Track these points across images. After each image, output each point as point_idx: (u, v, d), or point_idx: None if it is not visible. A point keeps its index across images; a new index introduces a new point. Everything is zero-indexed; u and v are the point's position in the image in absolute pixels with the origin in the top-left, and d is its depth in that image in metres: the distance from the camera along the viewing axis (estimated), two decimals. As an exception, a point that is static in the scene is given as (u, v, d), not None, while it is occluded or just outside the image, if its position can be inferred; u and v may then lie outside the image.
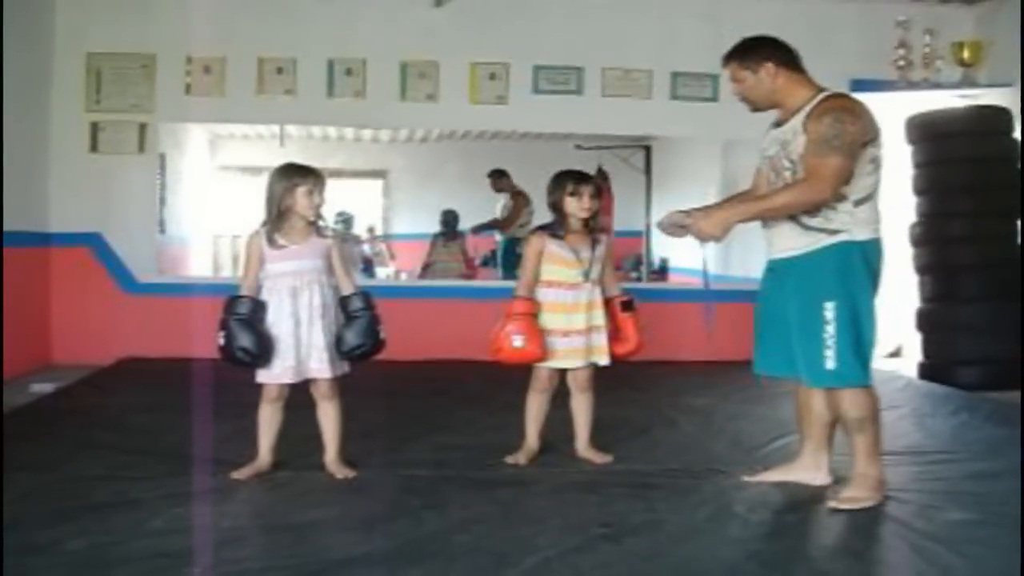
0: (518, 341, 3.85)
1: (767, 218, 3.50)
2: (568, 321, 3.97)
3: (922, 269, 6.90)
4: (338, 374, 3.77)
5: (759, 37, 3.63)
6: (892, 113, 7.52)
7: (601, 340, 4.04)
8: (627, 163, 9.05)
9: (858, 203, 3.40)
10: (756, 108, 3.68)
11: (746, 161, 8.41)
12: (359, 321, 3.73)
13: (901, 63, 7.14)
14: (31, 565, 2.74)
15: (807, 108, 3.42)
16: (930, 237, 6.80)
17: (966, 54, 7.05)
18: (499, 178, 9.38)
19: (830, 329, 3.37)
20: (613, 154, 8.89)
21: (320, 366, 3.71)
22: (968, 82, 7.10)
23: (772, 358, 3.69)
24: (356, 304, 3.75)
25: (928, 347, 6.83)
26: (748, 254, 8.53)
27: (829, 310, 3.37)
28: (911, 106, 7.12)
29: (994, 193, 6.45)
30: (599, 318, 4.04)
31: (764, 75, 3.54)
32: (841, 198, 3.37)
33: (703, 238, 3.55)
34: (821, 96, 3.44)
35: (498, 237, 9.45)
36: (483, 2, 7.35)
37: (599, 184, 4.18)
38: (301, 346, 3.68)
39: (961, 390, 5.97)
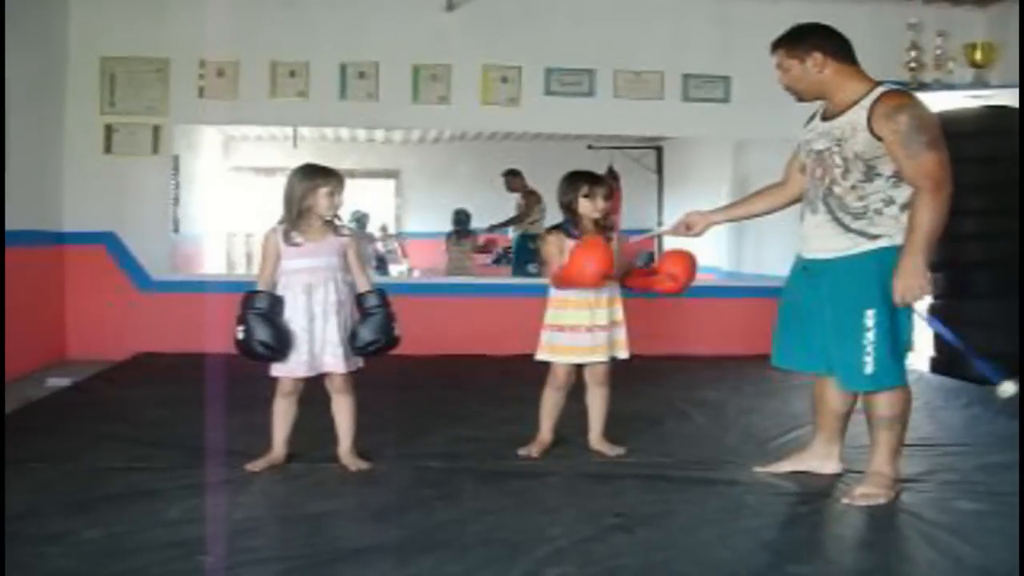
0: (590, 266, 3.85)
1: (930, 242, 3.34)
2: (592, 317, 3.99)
3: (933, 266, 6.83)
4: (352, 369, 3.80)
5: (810, 25, 3.56)
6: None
7: (622, 335, 4.08)
8: (639, 163, 9.07)
9: (903, 209, 3.33)
10: (801, 99, 3.60)
11: (757, 161, 8.51)
12: (374, 318, 3.76)
13: (913, 65, 7.12)
14: (48, 554, 2.77)
15: (865, 103, 3.33)
16: (941, 234, 6.79)
17: (979, 55, 7.03)
18: (513, 178, 9.42)
19: (870, 336, 3.32)
20: (625, 154, 8.91)
21: (334, 361, 3.73)
22: (980, 83, 7.08)
23: (793, 352, 3.67)
24: (371, 301, 3.78)
25: (940, 342, 6.82)
26: (760, 251, 8.61)
27: (870, 317, 3.32)
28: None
29: (1005, 191, 6.43)
30: (619, 313, 4.08)
31: (811, 65, 3.46)
32: (890, 202, 3.33)
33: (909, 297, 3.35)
34: (880, 91, 3.36)
35: (511, 234, 9.50)
36: (495, 5, 7.37)
37: (611, 185, 4.19)
38: (315, 341, 3.70)
39: (973, 384, 5.97)
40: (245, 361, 3.71)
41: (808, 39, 3.49)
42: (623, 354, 4.10)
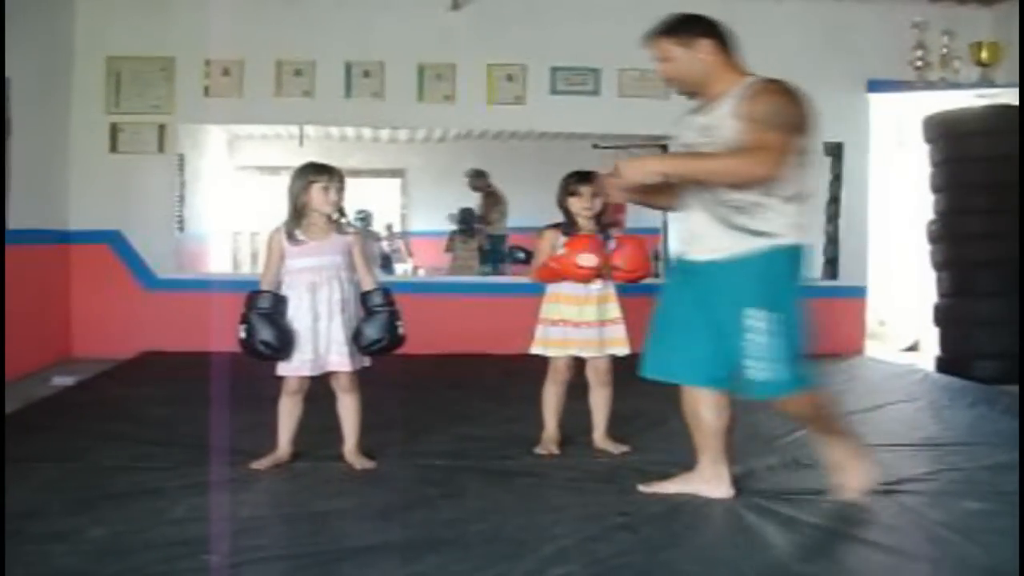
0: (585, 259, 3.93)
1: (701, 179, 3.14)
2: (580, 313, 4.02)
3: (939, 265, 6.92)
4: (357, 368, 3.80)
5: (693, 14, 3.30)
6: (910, 112, 7.56)
7: (616, 332, 4.09)
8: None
9: (788, 200, 3.13)
10: (684, 91, 3.35)
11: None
12: (378, 316, 3.76)
13: (919, 64, 7.11)
14: (54, 552, 2.78)
15: (737, 91, 3.15)
16: (947, 234, 6.83)
17: (984, 54, 7.01)
18: (477, 178, 9.47)
19: (760, 340, 3.10)
20: (630, 153, 8.86)
21: (339, 359, 3.74)
22: (986, 82, 7.07)
23: (670, 362, 3.40)
24: (376, 300, 3.78)
25: (945, 341, 6.85)
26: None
27: (760, 320, 3.10)
28: (928, 106, 7.12)
29: (1010, 190, 6.42)
30: (613, 311, 4.09)
31: (698, 54, 3.22)
32: (769, 192, 3.10)
33: (619, 186, 3.23)
34: (752, 80, 3.18)
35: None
36: (500, 4, 7.38)
37: (597, 186, 4.17)
38: (320, 340, 3.71)
39: (979, 383, 5.97)
40: (250, 360, 3.71)
41: (696, 26, 3.26)
42: (620, 351, 4.10)
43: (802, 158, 3.14)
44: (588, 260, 3.94)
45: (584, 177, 4.04)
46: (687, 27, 3.26)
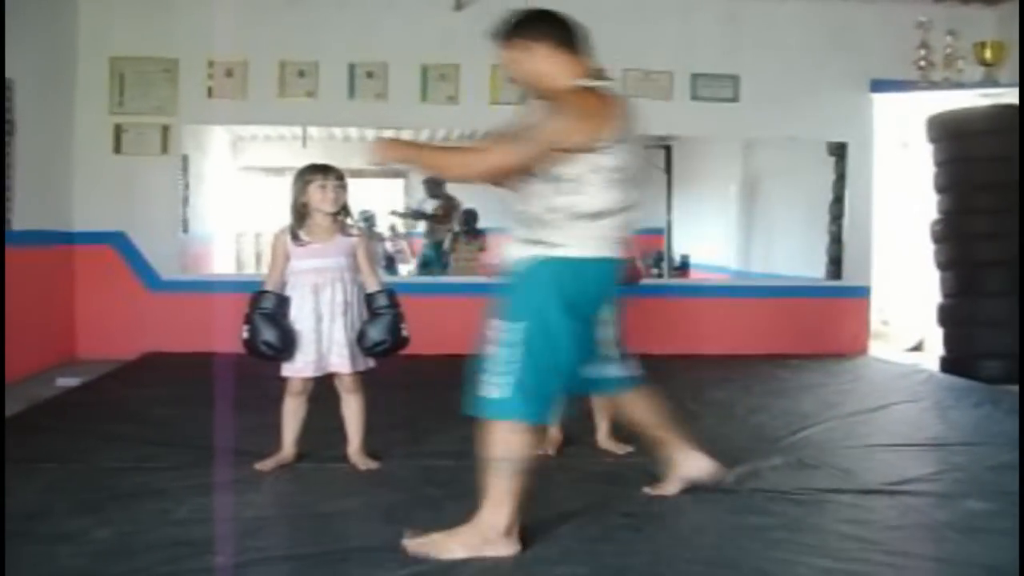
0: None
1: (432, 171, 3.00)
2: None
3: (943, 265, 6.91)
4: (361, 369, 3.81)
5: (540, 11, 3.08)
6: (913, 112, 7.55)
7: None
8: (648, 162, 9.05)
9: (579, 217, 2.85)
10: (532, 93, 3.10)
11: (766, 160, 8.48)
12: (382, 318, 3.76)
13: (922, 63, 7.10)
14: (59, 553, 2.78)
15: (555, 95, 2.92)
16: (951, 233, 6.83)
17: (988, 54, 7.00)
18: (435, 184, 9.53)
19: (491, 350, 2.91)
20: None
21: (342, 361, 3.74)
22: (990, 82, 7.06)
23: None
24: (380, 301, 3.78)
25: (950, 341, 6.84)
26: (770, 252, 8.59)
27: (497, 330, 2.90)
28: (932, 105, 7.12)
29: (1014, 190, 6.42)
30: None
31: (535, 55, 2.99)
32: (554, 209, 2.85)
33: (369, 161, 3.03)
34: (573, 83, 2.93)
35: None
36: (503, 5, 7.33)
37: None
38: (323, 341, 3.71)
39: (983, 383, 5.97)
40: (254, 361, 3.72)
41: (536, 26, 3.03)
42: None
43: (603, 176, 2.84)
44: None
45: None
46: (525, 27, 3.04)
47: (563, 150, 2.82)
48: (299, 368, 3.73)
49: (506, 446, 2.89)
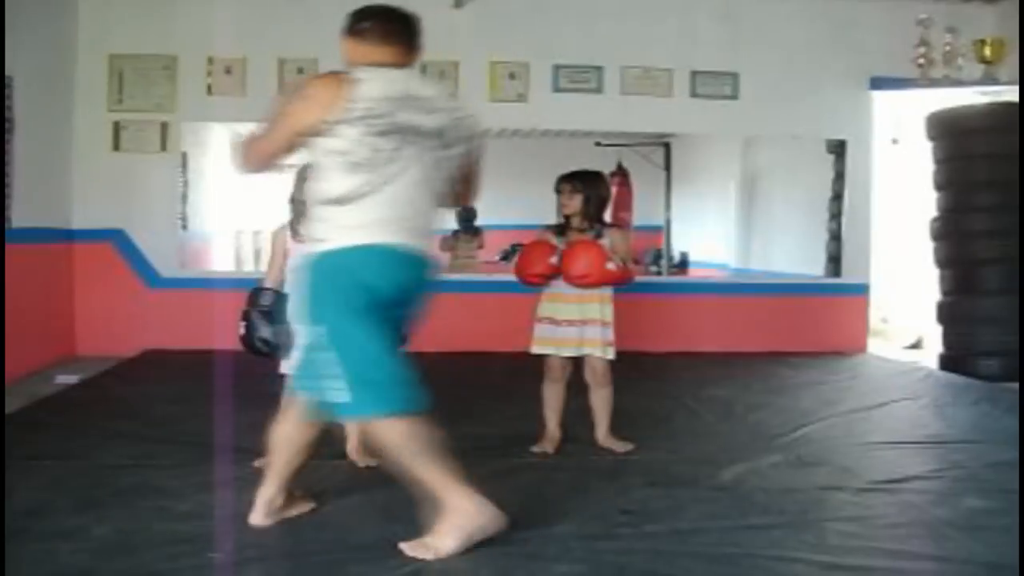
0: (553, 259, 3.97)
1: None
2: (558, 311, 4.05)
3: (942, 263, 6.93)
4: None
5: (364, 7, 3.08)
6: (913, 109, 7.55)
7: (592, 333, 4.05)
8: (647, 160, 9.04)
9: (333, 203, 2.83)
10: None
11: (766, 157, 8.48)
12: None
13: (922, 61, 7.10)
14: (59, 550, 2.78)
15: None
16: (950, 231, 6.84)
17: (988, 52, 7.00)
18: None
19: (320, 357, 2.81)
20: (633, 151, 8.88)
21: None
22: (990, 79, 7.06)
23: None
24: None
25: (949, 339, 6.85)
26: (769, 249, 8.59)
27: (312, 336, 2.84)
28: (932, 103, 7.12)
29: (1013, 188, 6.43)
30: (591, 311, 4.04)
31: (344, 45, 3.04)
32: (314, 197, 2.89)
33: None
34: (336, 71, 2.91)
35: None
36: (503, 2, 7.37)
37: (576, 184, 4.13)
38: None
39: (982, 381, 5.98)
40: (254, 358, 3.71)
41: (348, 23, 3.06)
42: (598, 352, 4.06)
43: (344, 159, 2.81)
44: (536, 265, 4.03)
45: (565, 178, 4.09)
46: (347, 24, 3.06)
47: (296, 134, 2.85)
48: (297, 365, 3.72)
49: (398, 438, 2.85)
